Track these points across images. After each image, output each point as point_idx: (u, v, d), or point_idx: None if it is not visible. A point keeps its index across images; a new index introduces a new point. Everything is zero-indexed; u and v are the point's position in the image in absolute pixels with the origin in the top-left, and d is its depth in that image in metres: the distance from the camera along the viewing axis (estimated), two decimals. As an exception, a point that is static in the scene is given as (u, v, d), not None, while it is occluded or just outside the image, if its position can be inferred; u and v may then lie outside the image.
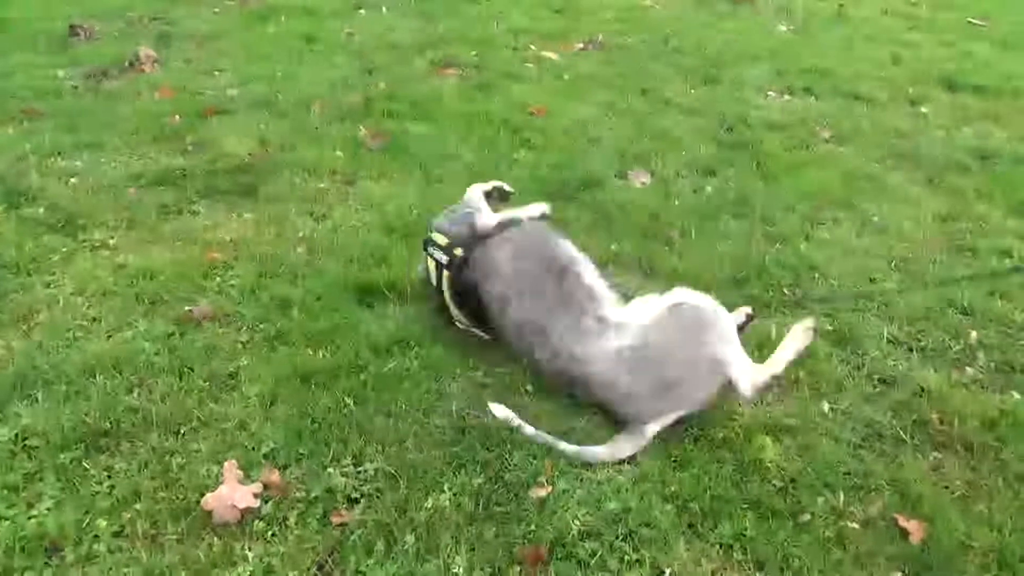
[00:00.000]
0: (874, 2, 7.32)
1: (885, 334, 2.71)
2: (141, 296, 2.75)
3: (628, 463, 2.16)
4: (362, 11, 6.46)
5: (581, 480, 2.10)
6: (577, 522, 1.97)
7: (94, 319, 2.64)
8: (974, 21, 6.78)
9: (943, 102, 5.03)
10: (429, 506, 2.00)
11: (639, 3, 7.00)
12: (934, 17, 7.01)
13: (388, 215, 3.34)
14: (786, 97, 4.99)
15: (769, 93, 5.02)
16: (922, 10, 7.20)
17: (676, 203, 3.57)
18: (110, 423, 2.20)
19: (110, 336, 2.56)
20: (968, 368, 2.58)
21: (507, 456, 2.15)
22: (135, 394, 2.32)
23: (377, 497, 2.04)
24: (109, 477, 2.06)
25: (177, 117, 4.17)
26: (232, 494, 1.99)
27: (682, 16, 6.70)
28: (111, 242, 3.09)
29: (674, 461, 2.17)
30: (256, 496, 2.00)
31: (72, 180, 3.53)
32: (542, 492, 2.04)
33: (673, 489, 2.07)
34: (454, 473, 2.10)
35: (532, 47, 5.65)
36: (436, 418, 2.28)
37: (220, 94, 4.56)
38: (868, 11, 7.07)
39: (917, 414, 2.37)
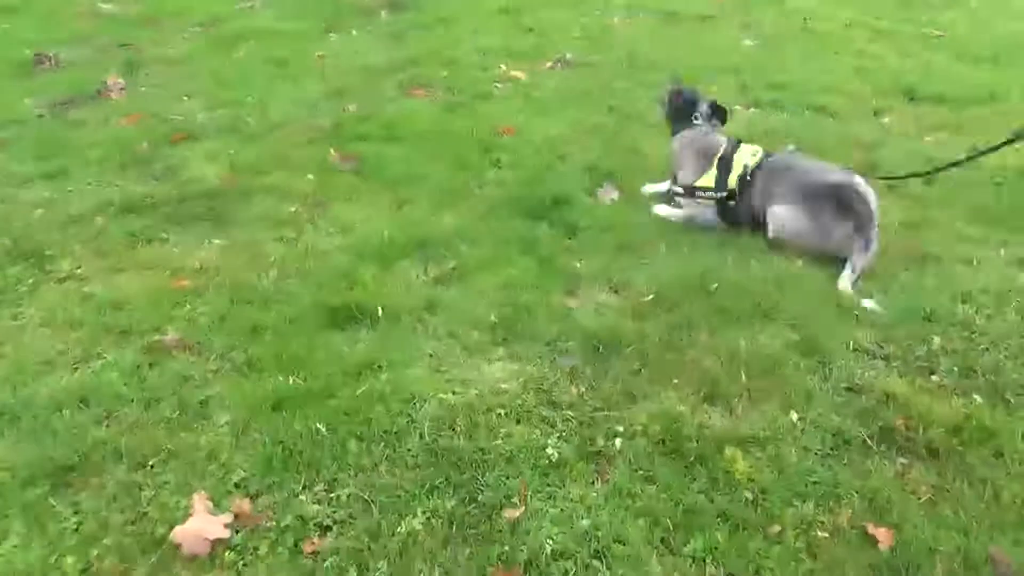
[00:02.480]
0: (837, 16, 7.46)
1: (851, 343, 2.76)
2: (109, 326, 2.73)
3: (599, 481, 2.17)
4: (332, 35, 6.48)
5: (553, 498, 2.11)
6: (550, 541, 1.97)
7: (61, 351, 2.62)
8: (932, 33, 6.94)
9: (905, 112, 5.13)
10: (402, 531, 2.00)
11: (606, 22, 7.09)
12: (895, 29, 7.16)
13: (359, 237, 3.35)
14: (752, 110, 5.07)
15: (735, 107, 5.09)
16: (883, 23, 7.35)
17: (646, 218, 3.61)
18: (77, 457, 2.17)
19: (77, 368, 2.54)
20: (932, 374, 2.62)
21: (480, 477, 2.16)
22: (103, 426, 2.30)
23: (349, 523, 2.03)
24: (76, 513, 2.03)
25: (145, 144, 4.16)
26: (202, 525, 1.97)
27: (649, 34, 6.78)
28: (78, 272, 3.07)
29: (645, 476, 2.19)
30: (226, 527, 1.98)
31: (38, 210, 3.51)
32: (515, 512, 2.05)
33: (644, 504, 2.08)
34: (427, 496, 2.10)
35: (501, 67, 5.70)
36: (408, 441, 2.28)
37: (189, 120, 4.55)
38: (831, 25, 7.20)
39: (883, 421, 2.40)
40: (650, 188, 3.88)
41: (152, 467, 2.18)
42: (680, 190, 3.59)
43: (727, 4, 7.64)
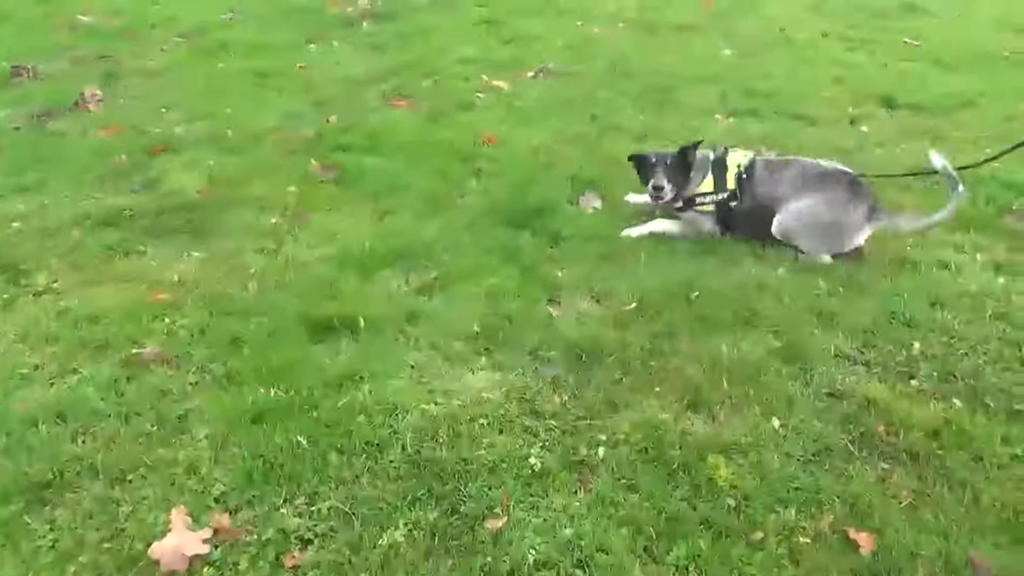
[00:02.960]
0: (814, 25, 7.55)
1: (832, 349, 2.77)
2: (86, 341, 2.70)
3: (582, 490, 2.17)
4: (313, 45, 6.48)
5: (536, 508, 2.10)
6: (533, 551, 1.96)
7: (36, 366, 2.58)
8: (908, 41, 7.03)
9: (882, 120, 5.19)
10: (384, 543, 1.98)
11: (588, 32, 7.13)
12: (871, 38, 7.25)
13: (340, 248, 3.33)
14: (731, 119, 5.11)
15: (715, 116, 5.14)
16: (860, 32, 7.45)
17: (628, 228, 3.61)
18: (53, 474, 2.15)
19: (53, 383, 2.51)
20: (912, 379, 2.64)
21: (462, 488, 2.15)
22: (79, 442, 2.27)
23: (331, 537, 2.01)
24: (52, 530, 2.00)
25: (124, 156, 4.13)
26: (180, 541, 1.95)
27: (630, 43, 6.83)
28: (55, 286, 3.03)
29: (628, 484, 2.18)
30: (205, 542, 1.96)
31: (14, 224, 3.47)
32: (497, 523, 2.04)
33: (627, 512, 2.08)
34: (409, 508, 2.09)
35: (483, 77, 5.71)
36: (390, 453, 2.26)
37: (168, 131, 4.53)
38: (808, 34, 7.29)
39: (865, 426, 2.42)
40: (633, 198, 3.88)
41: (130, 482, 2.15)
42: (680, 204, 3.57)
43: (706, 14, 7.71)
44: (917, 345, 2.80)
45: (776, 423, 2.42)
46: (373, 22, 7.10)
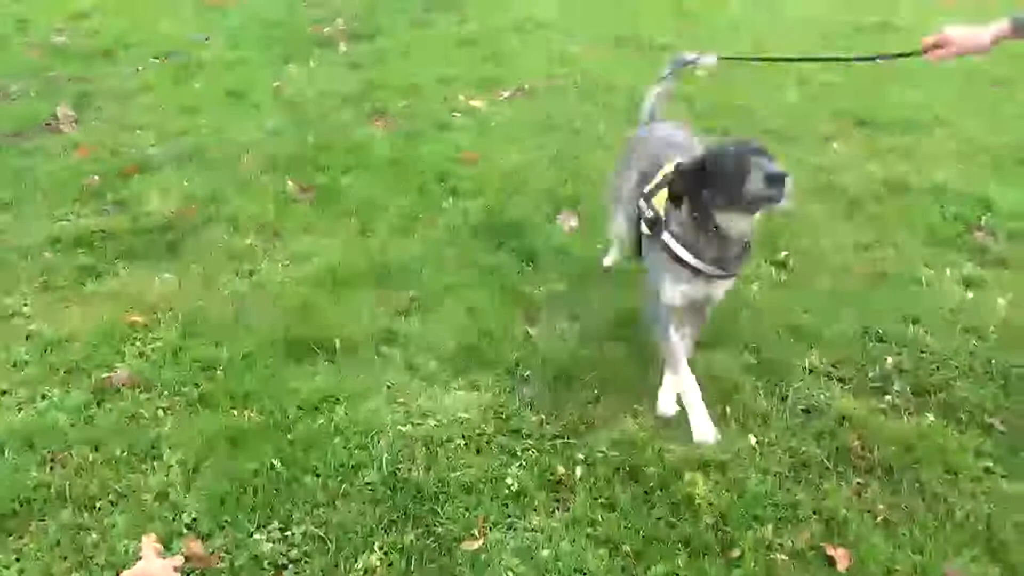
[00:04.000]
0: (786, 44, 7.67)
1: (807, 364, 2.79)
2: (56, 365, 2.66)
3: (560, 509, 2.16)
4: (291, 65, 6.46)
5: (514, 529, 2.09)
6: (510, 573, 1.95)
7: (4, 392, 2.54)
8: (880, 61, 7.16)
9: (855, 137, 5.26)
10: (359, 567, 1.97)
11: (567, 50, 7.19)
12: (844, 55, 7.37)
13: (317, 268, 3.31)
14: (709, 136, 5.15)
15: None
16: (833, 49, 7.57)
17: (605, 244, 3.62)
18: (20, 502, 2.10)
19: (21, 409, 2.46)
20: (886, 394, 2.66)
21: (438, 510, 2.13)
22: (47, 469, 2.22)
23: (305, 562, 1.99)
24: (18, 560, 1.97)
25: (96, 177, 4.08)
26: (151, 569, 1.90)
27: (609, 61, 6.89)
28: (24, 309, 2.98)
29: (605, 503, 2.17)
30: (177, 570, 1.91)
31: (-17, 246, 3.41)
32: (474, 544, 2.02)
33: (605, 532, 2.07)
34: (385, 531, 2.07)
35: (461, 96, 5.73)
36: (366, 475, 2.24)
37: (142, 151, 4.48)
38: (781, 52, 7.40)
39: (840, 442, 2.43)
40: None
41: (99, 509, 2.11)
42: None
43: (683, 31, 7.80)
44: (890, 360, 2.83)
45: (752, 440, 2.43)
46: (351, 41, 7.10)
